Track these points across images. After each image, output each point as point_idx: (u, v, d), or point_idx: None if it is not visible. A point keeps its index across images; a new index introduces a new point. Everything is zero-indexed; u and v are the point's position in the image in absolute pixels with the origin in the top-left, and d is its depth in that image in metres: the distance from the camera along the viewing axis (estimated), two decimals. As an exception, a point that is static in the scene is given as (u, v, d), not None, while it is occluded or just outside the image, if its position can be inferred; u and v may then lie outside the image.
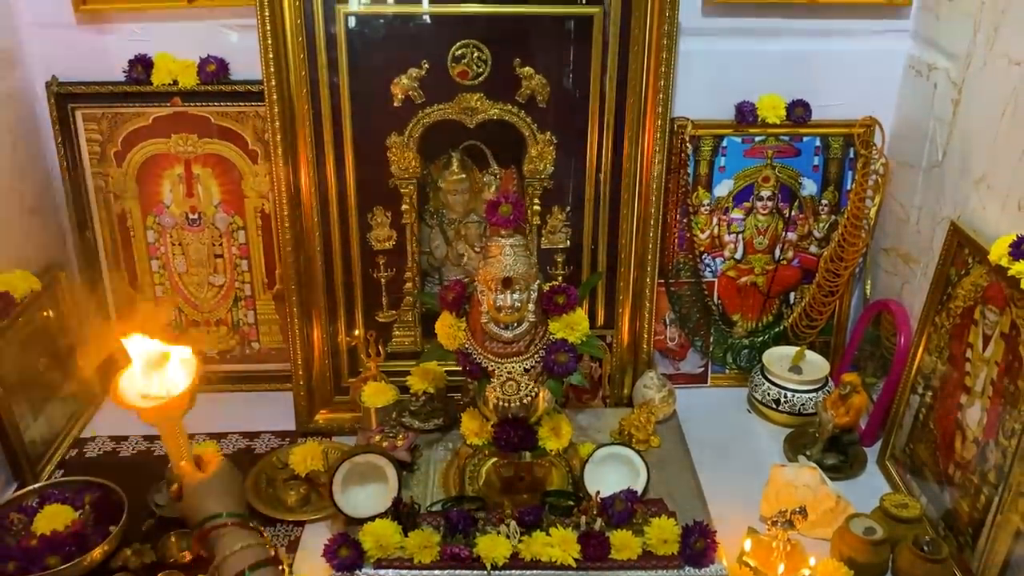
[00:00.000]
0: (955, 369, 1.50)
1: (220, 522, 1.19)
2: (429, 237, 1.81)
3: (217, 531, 1.19)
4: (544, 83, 1.62)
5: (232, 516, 1.20)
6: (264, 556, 1.18)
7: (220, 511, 1.20)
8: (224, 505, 1.21)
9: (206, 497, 1.23)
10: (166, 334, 1.30)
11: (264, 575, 1.16)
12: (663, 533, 1.39)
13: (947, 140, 1.61)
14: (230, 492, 1.25)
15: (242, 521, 1.21)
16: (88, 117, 1.73)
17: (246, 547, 1.17)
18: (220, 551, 1.18)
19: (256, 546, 1.18)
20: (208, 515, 1.20)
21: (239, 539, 1.18)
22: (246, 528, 1.21)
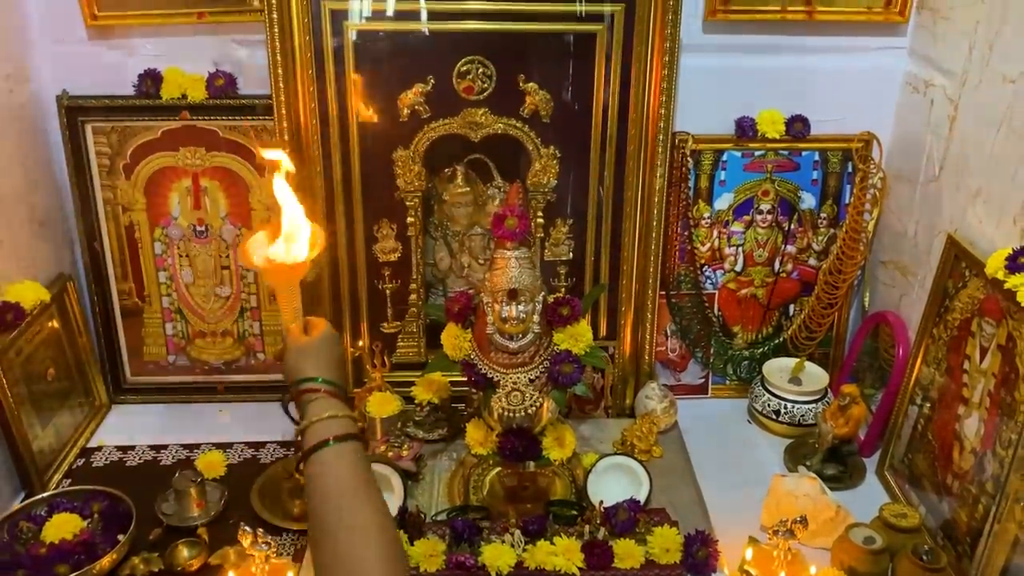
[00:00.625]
0: (952, 380, 1.52)
1: (313, 386, 1.15)
2: (433, 249, 1.84)
3: (309, 395, 1.15)
4: (548, 98, 1.65)
5: (326, 383, 1.15)
6: (350, 430, 1.11)
7: (316, 375, 1.16)
8: (320, 371, 1.17)
9: (305, 359, 1.19)
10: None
11: (348, 448, 1.09)
12: (666, 542, 1.41)
13: (944, 155, 1.63)
14: (329, 360, 1.20)
15: (335, 391, 1.16)
16: (98, 130, 1.75)
17: (333, 417, 1.11)
18: (307, 416, 1.13)
19: (343, 418, 1.12)
20: (303, 377, 1.17)
21: (328, 407, 1.13)
22: (338, 398, 1.15)
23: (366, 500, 1.04)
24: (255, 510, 1.60)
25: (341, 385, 1.18)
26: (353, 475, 1.06)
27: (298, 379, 1.17)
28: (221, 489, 1.64)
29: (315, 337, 1.23)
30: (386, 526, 1.03)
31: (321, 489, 1.05)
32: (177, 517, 1.58)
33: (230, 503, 1.62)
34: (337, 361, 1.22)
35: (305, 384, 1.16)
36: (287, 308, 1.25)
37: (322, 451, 1.08)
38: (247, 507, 1.61)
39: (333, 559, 1.00)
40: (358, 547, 0.99)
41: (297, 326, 1.25)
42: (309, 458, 1.08)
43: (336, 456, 1.08)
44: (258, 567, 1.41)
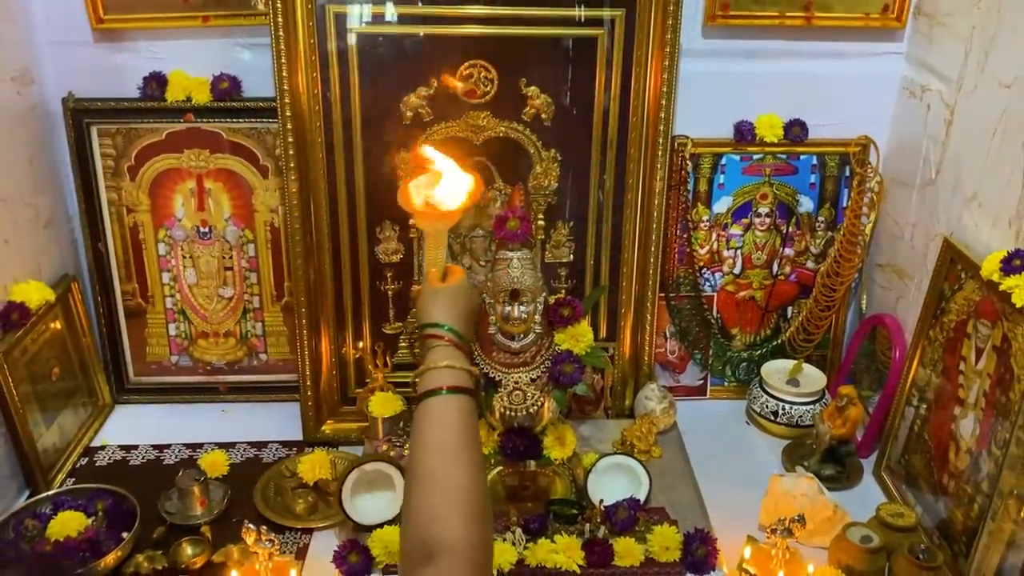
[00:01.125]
0: (948, 381, 1.54)
1: (439, 332, 1.13)
2: (435, 251, 1.85)
3: (433, 340, 1.13)
4: (549, 102, 1.67)
5: (451, 332, 1.14)
6: (465, 383, 1.09)
7: (444, 323, 1.15)
8: (449, 319, 1.15)
9: (436, 304, 1.17)
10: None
11: (457, 401, 1.07)
12: (665, 540, 1.42)
13: (940, 159, 1.66)
14: (460, 310, 1.18)
15: (460, 342, 1.14)
16: (103, 132, 1.77)
17: (450, 367, 1.10)
18: (426, 361, 1.12)
19: (460, 370, 1.10)
20: (431, 322, 1.15)
21: (448, 356, 1.11)
22: (460, 350, 1.14)
23: (462, 457, 1.03)
24: (258, 509, 1.61)
25: (466, 337, 1.16)
26: (456, 429, 1.05)
27: (426, 323, 1.16)
28: (224, 488, 1.65)
29: (450, 284, 1.21)
30: (476, 487, 1.01)
31: (423, 436, 1.05)
32: (180, 515, 1.59)
33: (233, 502, 1.63)
34: (468, 313, 1.20)
35: (431, 329, 1.14)
36: (432, 253, 1.23)
37: (432, 399, 1.07)
38: (250, 506, 1.62)
39: (417, 507, 1.00)
40: (442, 502, 0.99)
41: (437, 272, 1.23)
42: (419, 403, 1.08)
43: (443, 406, 1.07)
44: (261, 565, 1.42)
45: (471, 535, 0.96)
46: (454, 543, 0.95)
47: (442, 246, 1.24)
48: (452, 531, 0.96)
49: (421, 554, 0.95)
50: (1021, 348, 1.33)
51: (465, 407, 1.07)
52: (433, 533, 0.96)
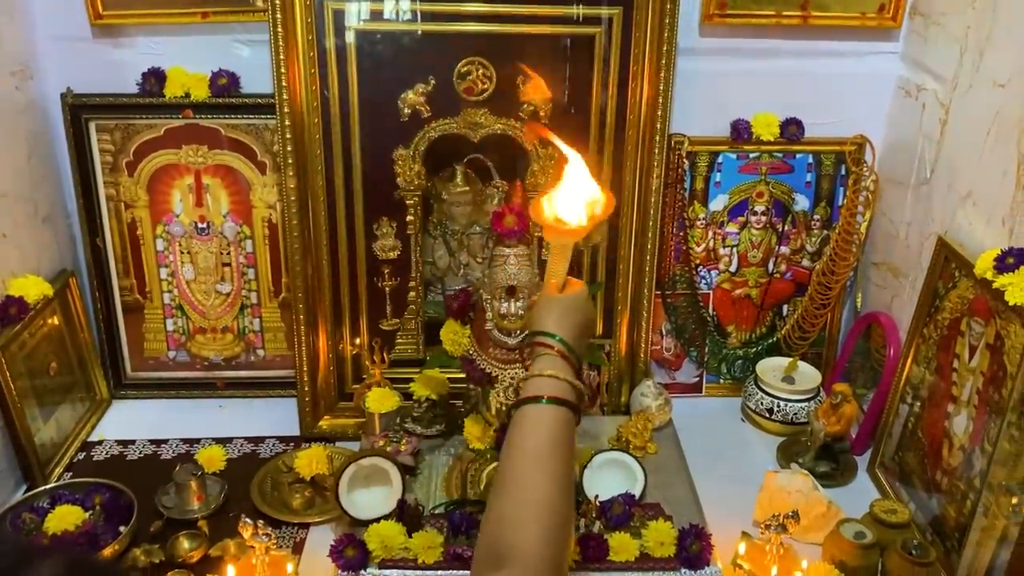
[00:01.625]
0: (942, 379, 1.55)
1: (549, 342, 1.11)
2: (432, 248, 1.86)
3: (542, 348, 1.11)
4: (547, 100, 1.67)
5: (562, 343, 1.10)
6: (566, 396, 1.06)
7: (555, 333, 1.12)
8: (561, 329, 1.12)
9: (550, 314, 1.15)
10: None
11: (555, 412, 1.05)
12: (660, 536, 1.43)
13: (935, 158, 1.66)
14: (574, 322, 1.14)
15: (568, 353, 1.11)
16: (101, 128, 1.78)
17: (554, 377, 1.07)
18: (532, 368, 1.11)
19: (564, 382, 1.07)
20: (543, 330, 1.13)
21: (554, 367, 1.08)
22: (568, 362, 1.10)
23: (550, 467, 1.00)
24: (255, 503, 1.62)
25: (576, 351, 1.13)
26: (549, 439, 1.03)
27: (537, 331, 1.14)
28: (221, 483, 1.66)
29: (568, 295, 1.19)
30: (559, 501, 0.99)
31: (515, 441, 1.04)
32: (178, 510, 1.60)
33: (230, 497, 1.64)
34: (581, 326, 1.16)
35: (542, 337, 1.13)
36: (555, 266, 1.22)
37: (531, 406, 1.05)
38: (247, 501, 1.63)
39: (497, 510, 0.99)
40: (522, 509, 0.97)
41: (556, 283, 1.21)
42: (518, 408, 1.07)
43: (540, 414, 1.05)
44: (258, 559, 1.43)
45: (545, 548, 0.94)
46: (526, 552, 0.93)
47: (566, 260, 1.22)
48: (526, 540, 0.94)
49: (493, 557, 0.94)
50: (1014, 346, 1.34)
51: (562, 418, 1.05)
52: (507, 538, 0.95)
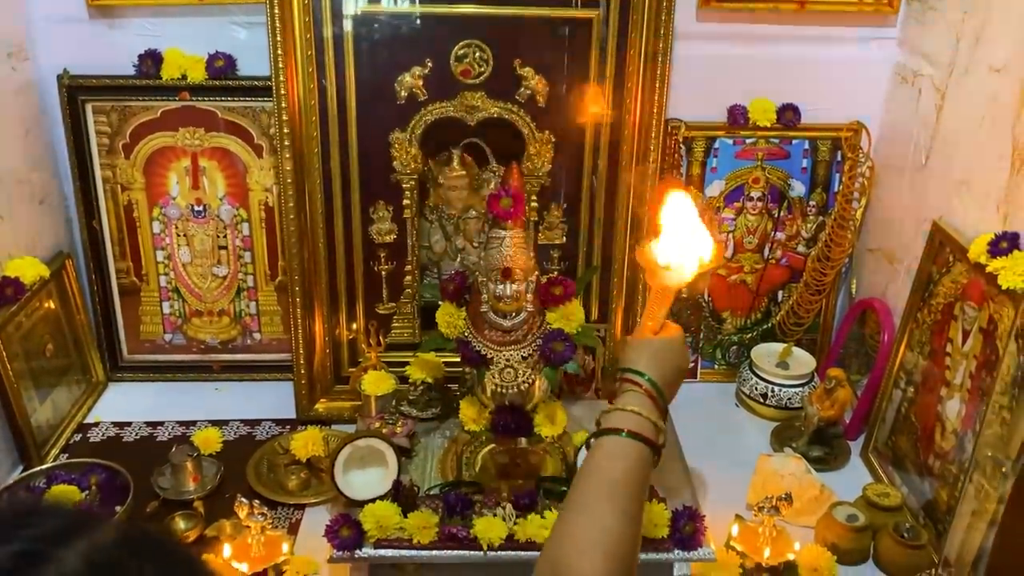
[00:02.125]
0: (935, 364, 1.56)
1: (637, 379, 1.12)
2: (429, 232, 1.86)
3: (629, 384, 1.12)
4: (543, 83, 1.67)
5: (651, 383, 1.11)
6: (646, 433, 1.06)
7: (645, 372, 1.12)
8: (652, 370, 1.13)
9: (642, 354, 1.15)
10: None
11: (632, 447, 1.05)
12: (654, 517, 1.43)
13: (930, 144, 1.67)
14: (664, 364, 1.15)
15: (656, 395, 1.11)
16: (98, 110, 1.77)
17: (637, 414, 1.08)
18: (617, 401, 1.12)
19: (646, 420, 1.08)
20: (633, 368, 1.14)
21: (638, 403, 1.09)
22: (655, 403, 1.11)
23: (620, 501, 1.01)
24: (251, 485, 1.63)
25: (664, 394, 1.14)
26: (623, 472, 1.04)
27: (628, 367, 1.15)
28: (217, 464, 1.67)
29: (662, 337, 1.19)
30: (624, 534, 0.99)
31: (588, 468, 1.05)
32: (174, 491, 1.61)
33: (226, 478, 1.65)
34: (673, 371, 1.17)
35: (631, 374, 1.14)
36: (653, 310, 1.22)
37: (610, 436, 1.07)
38: (243, 482, 1.64)
39: (560, 531, 1.00)
40: (585, 535, 0.98)
41: (653, 326, 1.22)
42: (596, 438, 1.08)
43: (617, 446, 1.06)
44: (254, 538, 1.43)
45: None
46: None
47: (667, 305, 1.22)
48: (586, 566, 0.95)
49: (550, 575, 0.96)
50: (1007, 329, 1.34)
51: (640, 455, 1.06)
52: (567, 560, 0.95)
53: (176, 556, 0.69)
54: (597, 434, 1.09)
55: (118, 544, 0.63)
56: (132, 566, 0.63)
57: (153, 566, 0.64)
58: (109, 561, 0.62)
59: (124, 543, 0.64)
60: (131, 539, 0.65)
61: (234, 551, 1.44)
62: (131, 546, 0.65)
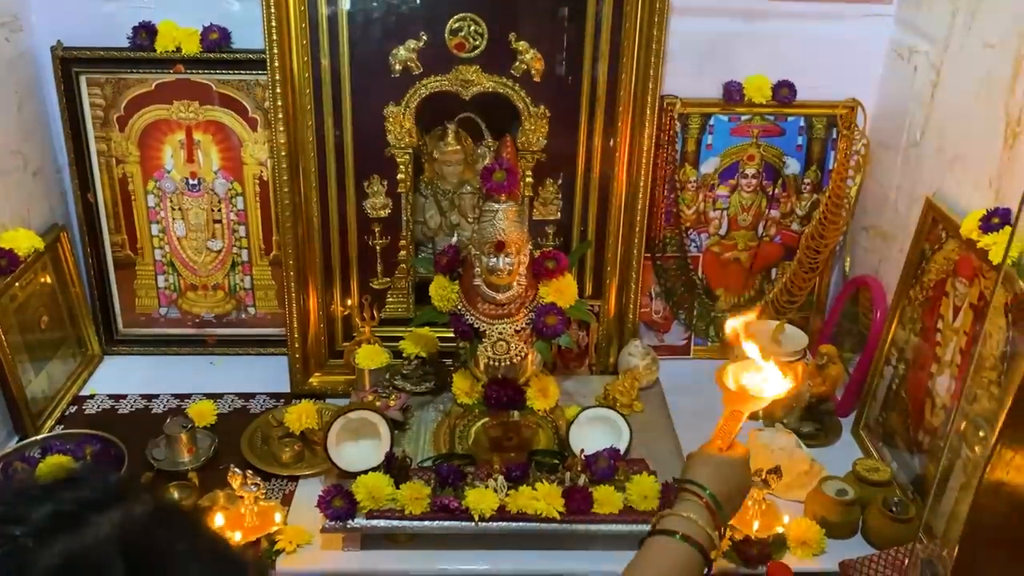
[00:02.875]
0: (926, 340, 1.56)
1: (698, 491, 1.14)
2: (423, 207, 1.86)
3: (688, 494, 1.15)
4: (539, 57, 1.67)
5: (712, 498, 1.14)
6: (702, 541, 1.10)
7: (706, 486, 1.15)
8: (714, 485, 1.16)
9: (705, 468, 1.18)
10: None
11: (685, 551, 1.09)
12: (644, 489, 1.45)
13: (925, 121, 1.67)
14: (728, 483, 1.18)
15: (713, 508, 1.14)
16: (92, 82, 1.77)
17: (694, 522, 1.11)
18: (674, 506, 1.16)
19: (702, 530, 1.11)
20: (695, 480, 1.16)
21: (697, 513, 1.13)
22: (713, 517, 1.14)
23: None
24: (245, 457, 1.64)
25: (724, 511, 1.16)
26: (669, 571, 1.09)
27: (689, 479, 1.18)
28: (212, 436, 1.68)
29: (728, 455, 1.21)
30: None
31: (639, 564, 1.09)
32: (168, 462, 1.61)
33: (220, 450, 1.65)
34: (735, 490, 1.19)
35: (691, 486, 1.16)
36: (726, 428, 1.25)
37: (663, 536, 1.10)
38: (237, 454, 1.64)
39: None
40: None
41: (721, 444, 1.24)
42: (652, 536, 1.12)
43: (670, 546, 1.09)
44: (247, 508, 1.45)
45: None
46: None
47: (739, 425, 1.25)
48: None
49: None
50: (995, 305, 1.35)
51: (690, 559, 1.09)
52: None
53: (205, 534, 0.72)
54: (651, 534, 1.12)
55: (151, 517, 0.66)
56: (162, 538, 0.66)
57: (183, 541, 0.67)
58: (141, 531, 0.64)
59: (157, 516, 0.67)
60: (164, 513, 0.68)
61: (227, 521, 1.45)
62: (163, 520, 0.67)
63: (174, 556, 0.65)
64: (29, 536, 0.61)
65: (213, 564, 0.68)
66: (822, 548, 1.48)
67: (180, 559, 0.65)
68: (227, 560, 0.71)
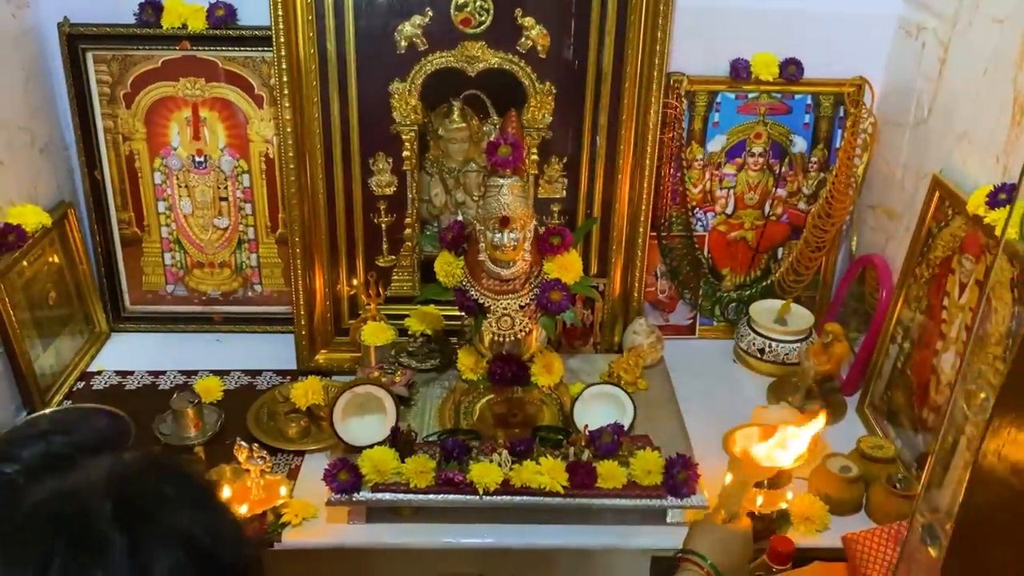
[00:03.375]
0: (932, 318, 1.56)
1: (699, 562, 1.18)
2: (429, 185, 1.86)
3: (689, 564, 1.18)
4: (544, 34, 1.66)
5: (713, 568, 1.17)
6: None
7: (707, 556, 1.18)
8: (715, 556, 1.19)
9: (706, 538, 1.21)
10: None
11: None
12: (647, 465, 1.45)
13: (933, 98, 1.66)
14: (729, 555, 1.20)
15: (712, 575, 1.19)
16: (99, 59, 1.77)
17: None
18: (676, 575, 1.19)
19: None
20: (696, 550, 1.19)
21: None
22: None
23: None
24: (251, 432, 1.65)
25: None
26: None
27: (690, 548, 1.20)
28: (218, 412, 1.69)
29: (732, 528, 1.24)
30: None
31: None
32: (175, 437, 1.62)
33: (226, 426, 1.66)
34: (736, 563, 1.22)
35: (692, 555, 1.19)
36: (729, 497, 1.27)
37: None
38: (243, 429, 1.65)
39: None
40: None
41: (724, 514, 1.25)
42: None
43: None
44: (253, 482, 1.46)
45: None
46: None
47: (744, 494, 1.28)
48: None
49: None
50: (1001, 281, 1.34)
51: None
52: None
53: (194, 482, 0.73)
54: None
55: (141, 463, 0.68)
56: (150, 485, 0.67)
57: (171, 487, 0.68)
58: (130, 477, 0.66)
59: (147, 464, 0.69)
60: (154, 461, 0.70)
61: (234, 494, 1.46)
62: (153, 467, 0.69)
63: (162, 502, 0.66)
64: (20, 474, 0.64)
65: (201, 512, 0.68)
66: (825, 524, 1.48)
67: (168, 505, 0.66)
68: (216, 510, 0.71)
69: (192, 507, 0.68)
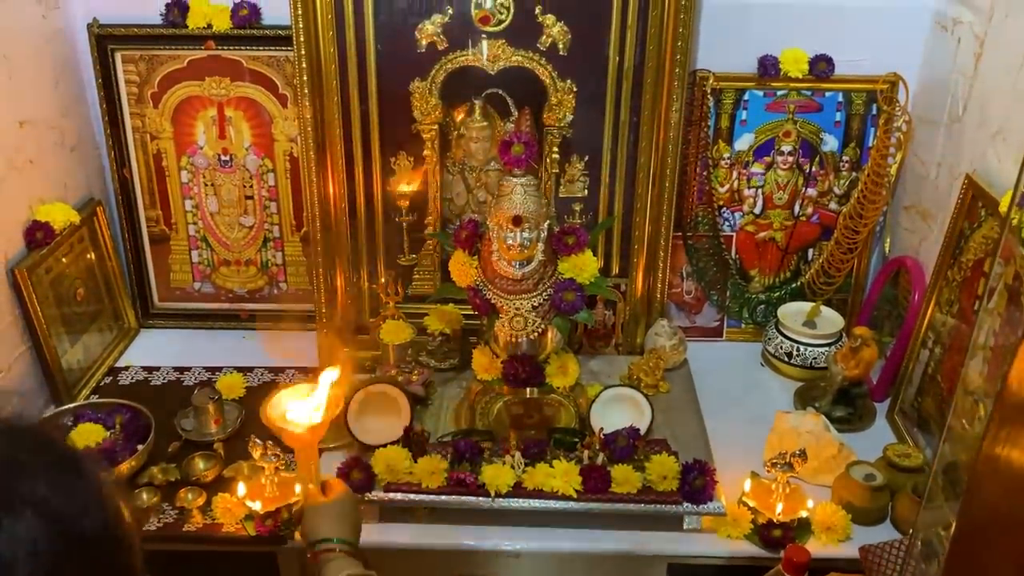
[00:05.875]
0: (964, 322, 1.50)
1: (331, 546, 1.18)
2: (450, 184, 1.85)
3: (327, 555, 1.18)
4: (565, 31, 1.64)
5: (342, 543, 1.18)
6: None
7: (333, 536, 1.19)
8: (338, 531, 1.20)
9: (322, 520, 1.22)
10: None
11: None
12: (663, 470, 1.42)
13: (968, 95, 1.60)
14: (346, 519, 1.23)
15: (352, 550, 1.20)
16: (127, 59, 1.80)
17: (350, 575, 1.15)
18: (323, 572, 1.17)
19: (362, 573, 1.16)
20: (321, 538, 1.20)
21: (346, 567, 1.16)
22: (355, 558, 1.19)
23: None
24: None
25: (355, 542, 1.21)
26: None
27: (316, 539, 1.20)
28: (239, 409, 1.70)
29: (332, 498, 1.25)
30: None
31: None
32: (196, 432, 1.64)
33: (247, 422, 1.67)
34: (354, 522, 1.24)
35: (323, 544, 1.19)
36: (304, 468, 1.28)
37: None
38: (264, 427, 1.65)
39: None
40: None
41: (315, 487, 1.27)
42: None
43: None
44: (267, 479, 1.46)
45: None
46: None
47: (313, 460, 1.28)
48: None
49: None
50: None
51: None
52: None
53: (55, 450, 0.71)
54: None
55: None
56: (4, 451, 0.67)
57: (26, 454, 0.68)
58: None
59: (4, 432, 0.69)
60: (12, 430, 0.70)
61: (248, 490, 1.47)
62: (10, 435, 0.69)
63: (17, 468, 0.66)
64: None
65: (61, 480, 0.67)
66: (847, 534, 1.44)
67: (22, 472, 0.66)
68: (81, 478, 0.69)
69: (49, 474, 0.67)
